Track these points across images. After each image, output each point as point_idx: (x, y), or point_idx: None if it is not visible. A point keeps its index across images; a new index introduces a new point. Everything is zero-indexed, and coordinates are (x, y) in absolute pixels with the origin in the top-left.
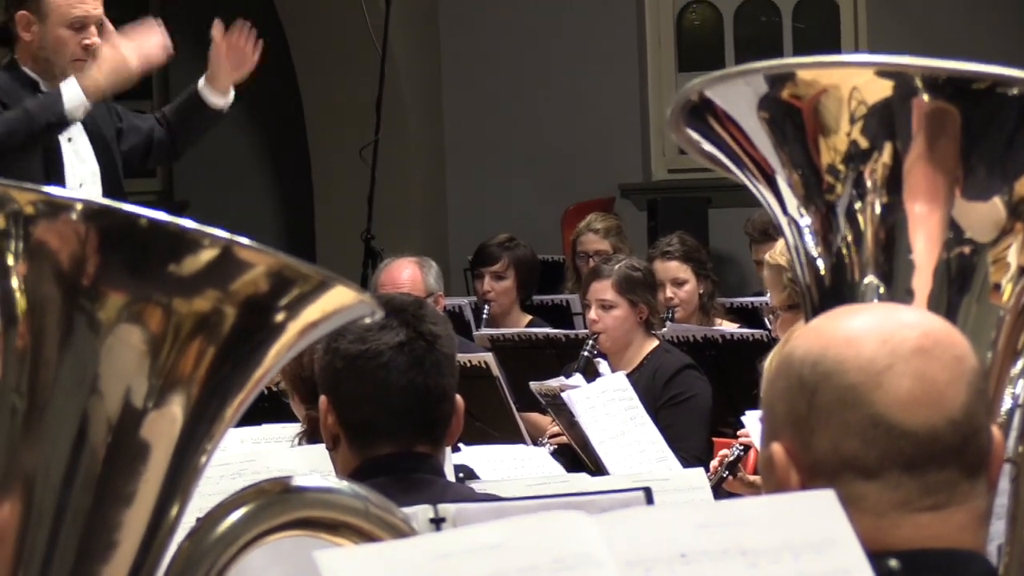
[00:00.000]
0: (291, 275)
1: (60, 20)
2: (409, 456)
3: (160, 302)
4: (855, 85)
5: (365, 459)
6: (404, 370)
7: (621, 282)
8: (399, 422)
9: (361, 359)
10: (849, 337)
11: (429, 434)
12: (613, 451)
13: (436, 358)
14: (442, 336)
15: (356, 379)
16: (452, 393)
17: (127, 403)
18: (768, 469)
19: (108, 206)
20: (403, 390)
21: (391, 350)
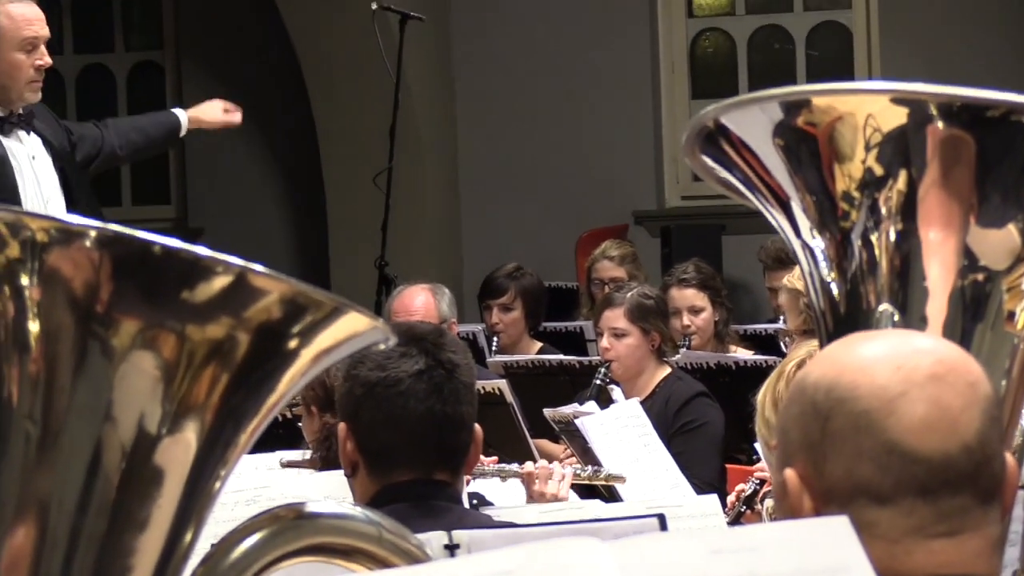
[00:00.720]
0: (304, 302)
1: (11, 44)
2: (428, 483)
3: (174, 329)
4: (870, 112)
5: (383, 486)
6: (423, 398)
7: (633, 310)
8: (418, 449)
9: (380, 386)
10: (863, 363)
11: (448, 462)
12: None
13: (455, 386)
14: (461, 365)
15: (375, 406)
16: (471, 422)
17: (141, 429)
18: (781, 495)
19: (122, 233)
20: (422, 418)
21: (410, 378)
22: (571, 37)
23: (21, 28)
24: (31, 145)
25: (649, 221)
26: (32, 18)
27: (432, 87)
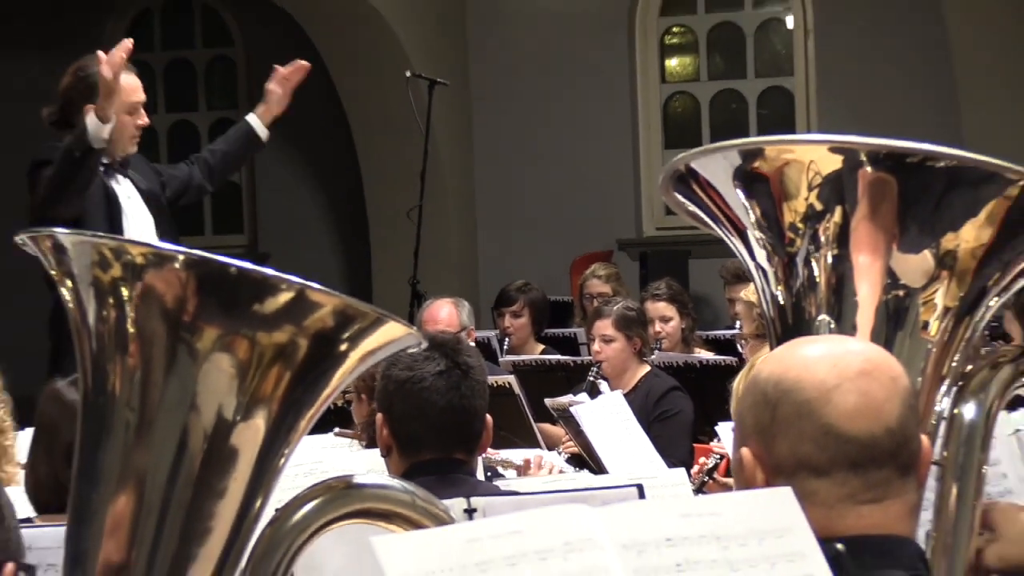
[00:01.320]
0: (352, 313)
1: (121, 109)
2: (448, 461)
3: (246, 335)
4: (812, 159)
5: (412, 464)
6: (444, 393)
7: (619, 320)
8: (439, 434)
9: (409, 383)
10: (805, 362)
11: (464, 444)
12: (612, 455)
13: (470, 384)
14: (475, 367)
15: (405, 400)
16: (483, 413)
17: (219, 417)
18: (738, 470)
19: (204, 257)
20: (443, 409)
21: (433, 376)
22: (567, 98)
23: (128, 96)
24: (127, 187)
25: (630, 247)
26: (136, 86)
27: (454, 139)
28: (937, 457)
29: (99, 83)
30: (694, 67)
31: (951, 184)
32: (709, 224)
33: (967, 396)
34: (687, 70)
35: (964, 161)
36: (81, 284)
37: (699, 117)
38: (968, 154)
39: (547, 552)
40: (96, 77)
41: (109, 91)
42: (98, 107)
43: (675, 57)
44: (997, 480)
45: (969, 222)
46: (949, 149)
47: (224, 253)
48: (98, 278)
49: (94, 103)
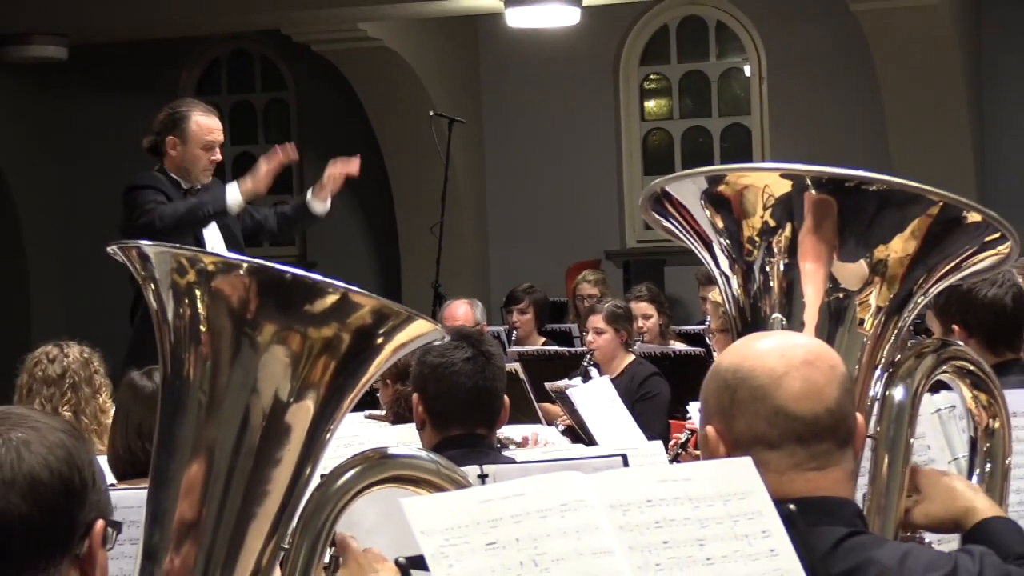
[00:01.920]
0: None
1: (197, 144)
2: (473, 436)
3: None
4: (766, 183)
5: (443, 438)
6: (470, 375)
7: (609, 316)
8: (466, 412)
9: (441, 368)
10: (759, 353)
11: (486, 421)
12: (601, 430)
13: (492, 369)
14: (496, 354)
15: (437, 382)
16: (503, 393)
17: (276, 398)
18: (704, 444)
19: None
20: (469, 391)
21: (461, 362)
22: (564, 133)
23: (205, 135)
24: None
25: (615, 256)
26: (215, 128)
27: (469, 167)
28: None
29: (258, 170)
30: (668, 108)
31: (882, 204)
32: (681, 238)
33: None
34: (662, 110)
35: (892, 185)
36: (162, 287)
37: (672, 149)
38: (895, 179)
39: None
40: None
41: (260, 182)
42: (245, 185)
43: (652, 99)
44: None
45: (898, 236)
46: (880, 175)
47: (279, 261)
48: (176, 282)
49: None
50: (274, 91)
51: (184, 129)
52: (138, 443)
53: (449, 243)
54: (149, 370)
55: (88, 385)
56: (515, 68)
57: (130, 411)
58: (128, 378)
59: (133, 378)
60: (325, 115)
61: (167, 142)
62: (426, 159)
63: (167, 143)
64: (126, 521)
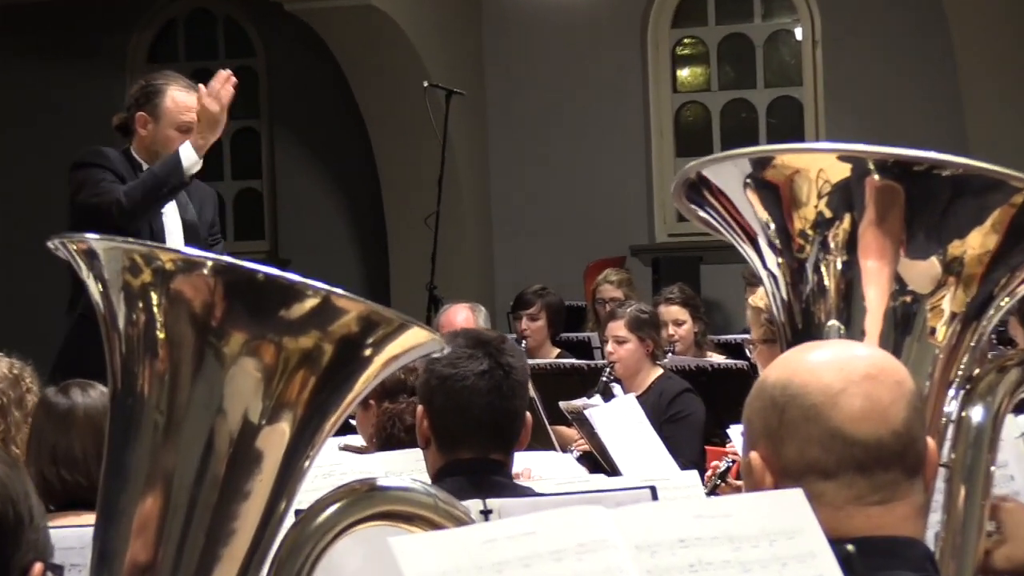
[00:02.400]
0: (377, 319)
1: (171, 123)
2: (485, 462)
3: (272, 340)
4: (821, 167)
5: (449, 460)
6: (484, 393)
7: (632, 322)
8: (478, 433)
9: (451, 380)
10: (811, 366)
11: (502, 445)
12: (625, 457)
13: (511, 384)
14: (517, 367)
15: (446, 396)
16: (523, 412)
17: (246, 420)
18: (747, 473)
19: (232, 263)
20: (483, 408)
21: (475, 376)
22: (581, 107)
23: (180, 113)
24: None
25: (642, 253)
26: (192, 106)
27: (470, 147)
28: (945, 460)
29: (203, 115)
30: (705, 77)
31: (957, 192)
32: (720, 230)
33: (975, 399)
34: (698, 80)
35: (970, 169)
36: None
37: (710, 126)
38: (973, 162)
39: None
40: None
41: (214, 123)
42: (195, 138)
43: (686, 67)
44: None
45: (975, 229)
46: (955, 157)
47: (245, 258)
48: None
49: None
50: (240, 58)
51: (158, 105)
52: (52, 470)
53: (447, 237)
54: (66, 385)
55: (18, 408)
56: (523, 31)
57: (43, 433)
58: (43, 395)
59: (47, 395)
60: (300, 86)
61: (137, 119)
62: (420, 138)
63: (137, 120)
64: (66, 564)
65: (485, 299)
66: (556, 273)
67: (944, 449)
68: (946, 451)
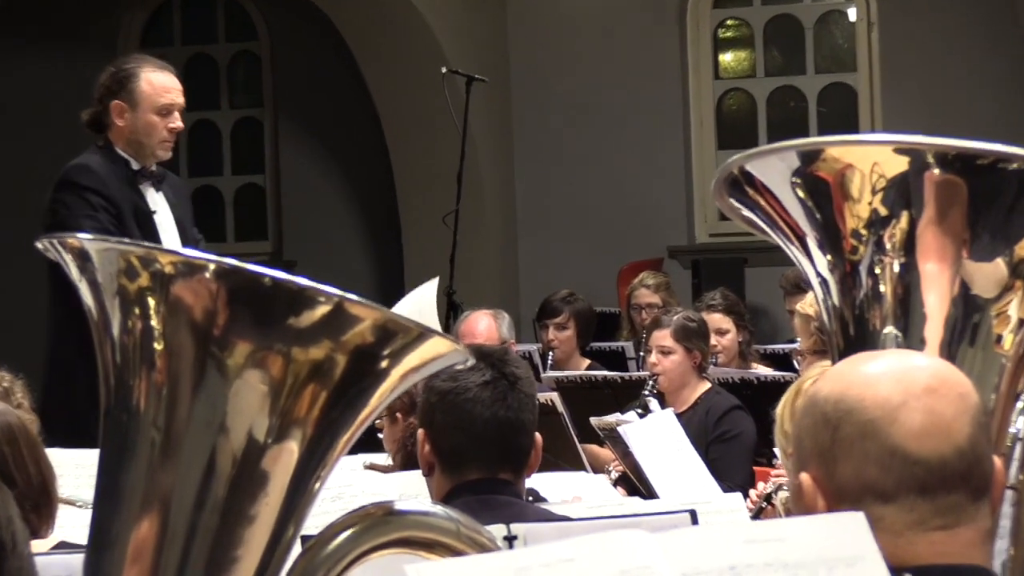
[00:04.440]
0: (394, 328)
1: (150, 107)
2: (493, 482)
3: (280, 351)
4: (876, 160)
5: (455, 484)
6: (488, 404)
7: (678, 331)
8: (484, 450)
9: (451, 394)
10: (867, 379)
11: (511, 462)
12: (663, 478)
13: (518, 395)
14: (523, 378)
15: (447, 411)
16: (532, 428)
17: (250, 438)
18: (797, 497)
19: (236, 266)
20: (487, 422)
21: (477, 387)
22: (615, 96)
23: (160, 96)
24: (156, 202)
25: (681, 255)
26: (170, 87)
27: (493, 139)
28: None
29: None
30: (750, 62)
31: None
32: (766, 230)
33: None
34: (742, 65)
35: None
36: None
37: (755, 115)
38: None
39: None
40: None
41: None
42: None
43: (729, 51)
44: None
45: None
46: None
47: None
48: (124, 287)
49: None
50: (242, 41)
51: (133, 91)
52: None
53: (467, 238)
54: (5, 391)
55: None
56: (551, 12)
57: None
58: None
59: None
60: (307, 72)
61: (112, 108)
62: (438, 130)
63: (112, 110)
64: None
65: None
66: (587, 277)
67: (1011, 469)
68: (1013, 471)
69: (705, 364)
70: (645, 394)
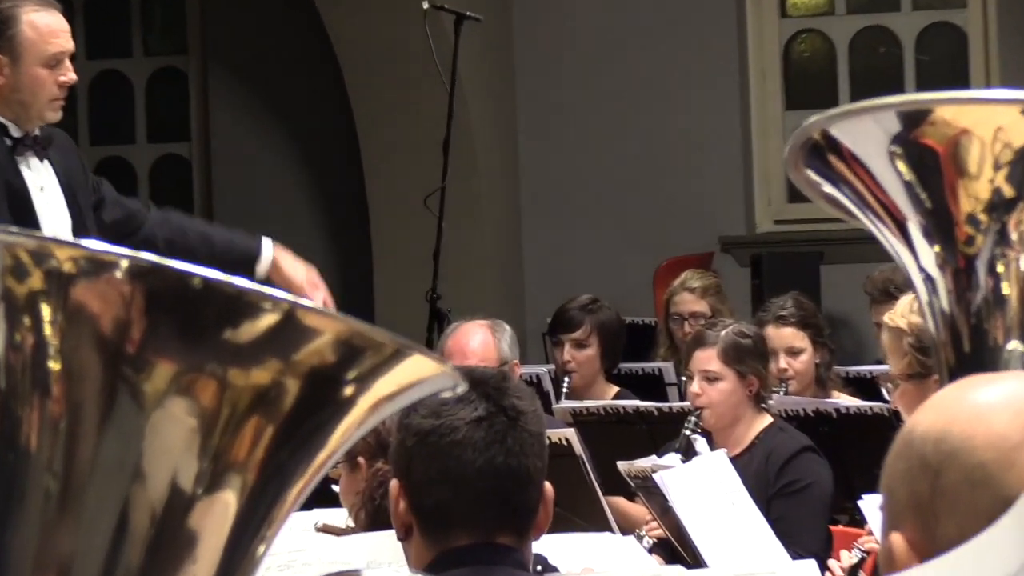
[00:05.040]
0: (362, 343)
1: (36, 59)
2: (490, 548)
3: (214, 373)
4: (1000, 125)
5: (440, 552)
6: (482, 448)
7: (728, 350)
8: (477, 508)
9: (434, 435)
10: (978, 410)
11: (512, 523)
12: (712, 541)
13: (520, 436)
14: (528, 412)
15: (428, 458)
16: (539, 477)
17: (174, 487)
18: (888, 563)
19: (157, 263)
20: (481, 471)
21: (467, 426)
22: (649, 39)
23: (47, 41)
24: (41, 175)
25: (737, 248)
26: (58, 30)
27: (491, 96)
28: None
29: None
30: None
31: None
32: (852, 212)
33: None
34: (817, 0)
35: None
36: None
37: (834, 65)
38: None
39: None
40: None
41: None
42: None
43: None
44: None
45: None
46: None
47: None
48: (11, 291)
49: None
50: None
51: (13, 38)
52: None
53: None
54: None
55: None
56: None
57: None
58: None
59: None
60: (245, 10)
61: None
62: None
63: None
64: None
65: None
66: (613, 277)
67: None
68: None
69: (765, 393)
70: (688, 432)
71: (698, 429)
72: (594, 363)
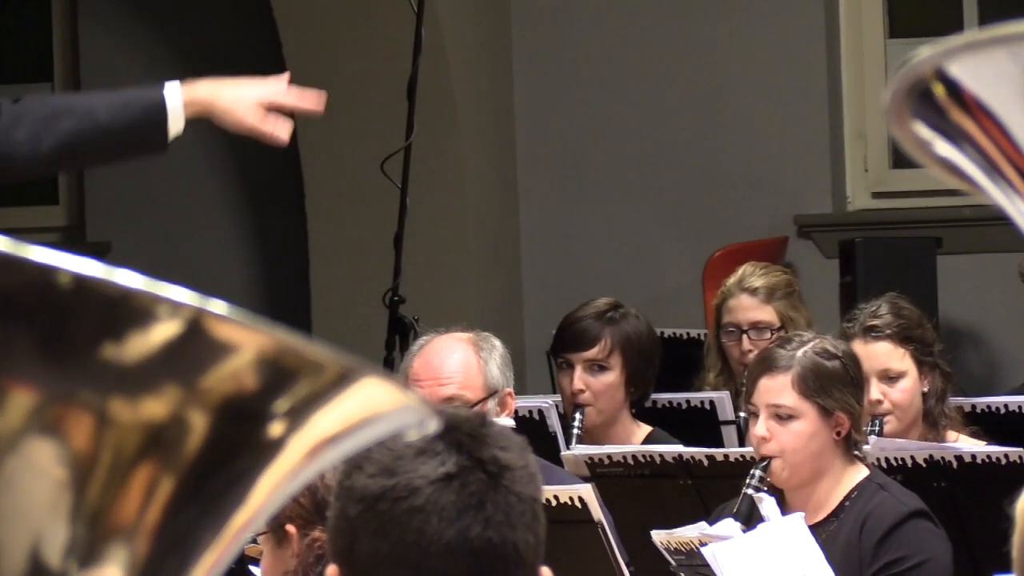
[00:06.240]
0: (294, 364)
1: None
2: None
3: (89, 404)
4: None
5: None
6: (452, 518)
7: (807, 377)
8: None
9: (386, 501)
10: None
11: None
12: None
13: (504, 500)
14: (515, 468)
15: (379, 532)
16: (531, 557)
17: (35, 561)
18: None
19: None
20: (449, 549)
21: (432, 486)
22: None
23: None
24: None
25: (820, 232)
26: None
27: (475, 27)
28: None
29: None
30: None
31: None
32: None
33: None
34: None
35: None
36: None
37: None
38: None
39: None
40: None
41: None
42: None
43: None
44: None
45: None
46: None
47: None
48: None
49: None
50: None
51: None
52: None
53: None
54: None
55: None
56: None
57: None
58: None
59: None
60: None
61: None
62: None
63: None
64: None
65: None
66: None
67: None
68: None
69: (858, 436)
70: (751, 490)
71: (764, 486)
72: (617, 392)
